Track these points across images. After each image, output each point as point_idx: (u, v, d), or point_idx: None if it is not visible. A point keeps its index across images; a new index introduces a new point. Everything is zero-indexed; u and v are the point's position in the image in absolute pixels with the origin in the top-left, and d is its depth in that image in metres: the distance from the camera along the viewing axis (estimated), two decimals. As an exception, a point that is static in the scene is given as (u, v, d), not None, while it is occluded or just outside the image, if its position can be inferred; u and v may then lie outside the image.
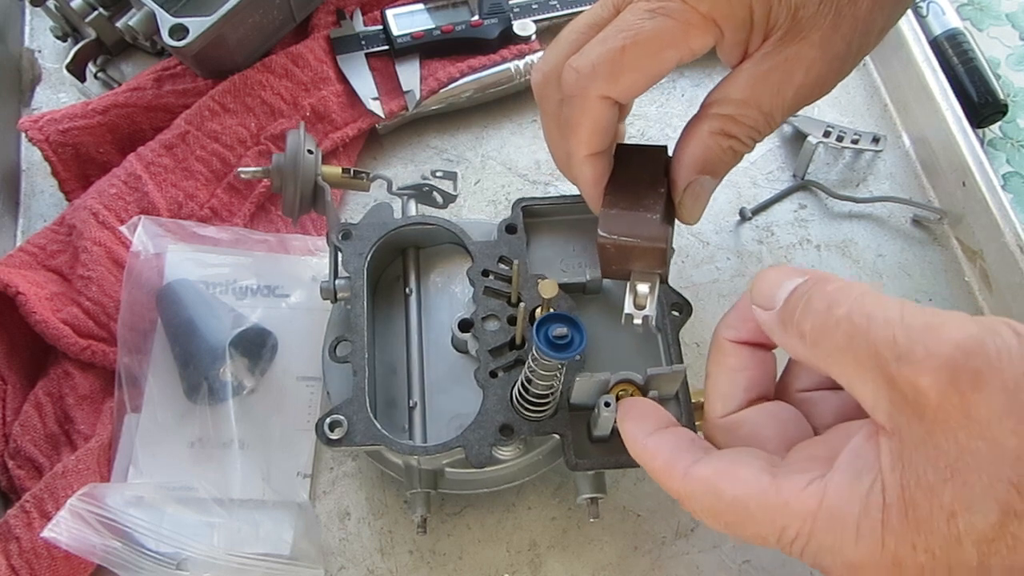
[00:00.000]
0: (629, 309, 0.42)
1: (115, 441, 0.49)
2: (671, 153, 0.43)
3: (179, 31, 0.55)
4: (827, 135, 0.62)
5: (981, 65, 0.67)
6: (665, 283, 0.44)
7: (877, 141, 0.63)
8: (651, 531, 0.50)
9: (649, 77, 0.40)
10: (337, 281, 0.48)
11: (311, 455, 0.51)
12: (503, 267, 0.49)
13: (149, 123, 0.59)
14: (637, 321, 0.42)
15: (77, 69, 0.63)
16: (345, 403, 0.44)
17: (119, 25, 0.59)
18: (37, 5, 0.62)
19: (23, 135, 0.59)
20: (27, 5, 0.66)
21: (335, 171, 0.52)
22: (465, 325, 0.48)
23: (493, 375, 0.45)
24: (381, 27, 0.63)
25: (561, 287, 0.47)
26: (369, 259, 0.48)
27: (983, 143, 0.67)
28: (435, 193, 0.54)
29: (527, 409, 0.43)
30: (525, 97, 0.64)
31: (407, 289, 0.51)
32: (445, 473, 0.47)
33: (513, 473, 0.48)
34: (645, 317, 0.42)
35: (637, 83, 0.40)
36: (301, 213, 0.51)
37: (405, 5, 0.64)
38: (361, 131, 0.61)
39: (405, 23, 0.63)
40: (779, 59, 0.39)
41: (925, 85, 0.63)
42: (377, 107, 0.60)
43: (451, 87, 0.62)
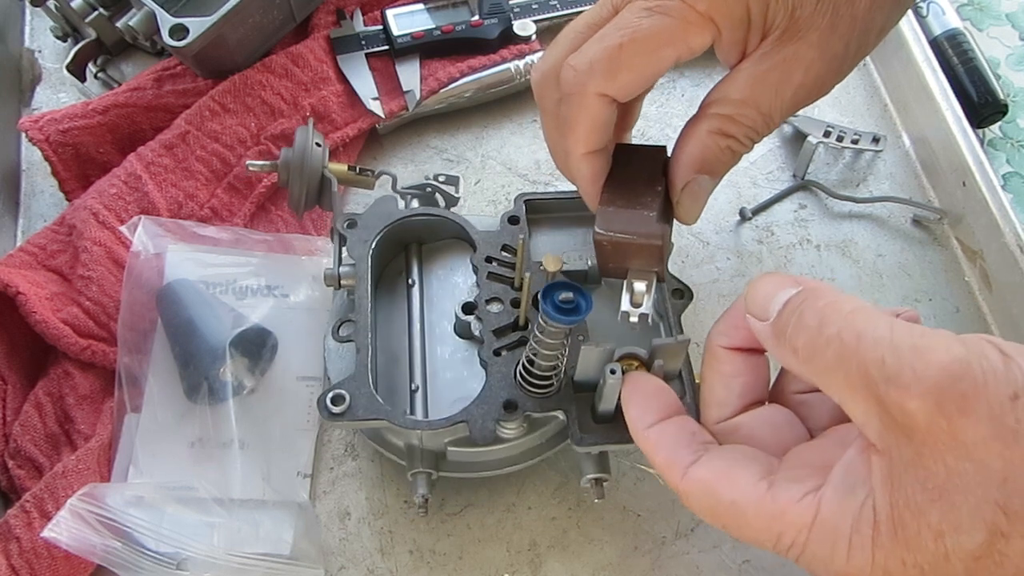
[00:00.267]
0: (625, 307, 0.42)
1: (115, 441, 0.49)
2: (670, 153, 0.43)
3: (179, 31, 0.55)
4: (827, 135, 0.62)
5: (981, 65, 0.67)
6: (662, 282, 0.44)
7: (877, 141, 0.63)
8: (651, 531, 0.50)
9: (647, 75, 0.40)
10: (341, 268, 0.48)
11: (311, 455, 0.51)
12: (506, 255, 0.49)
13: (149, 123, 0.59)
14: (633, 319, 0.42)
15: (77, 69, 0.63)
16: (348, 379, 0.44)
17: (119, 25, 0.59)
18: (37, 5, 0.62)
19: (23, 135, 0.59)
20: (27, 5, 0.66)
21: (341, 167, 0.53)
22: (469, 308, 0.49)
23: (497, 354, 0.46)
24: (381, 27, 0.63)
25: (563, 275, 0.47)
26: (373, 248, 0.49)
27: (983, 143, 0.67)
28: (438, 195, 0.54)
29: (532, 384, 0.44)
30: (525, 97, 0.65)
31: (410, 280, 0.51)
32: (447, 454, 0.47)
33: (515, 456, 0.47)
34: (641, 315, 0.42)
35: (635, 81, 0.40)
36: (307, 208, 0.51)
37: (405, 5, 0.64)
38: (361, 131, 0.61)
39: (405, 23, 0.63)
40: (777, 59, 0.39)
41: (925, 85, 0.63)
42: (377, 107, 0.60)
43: (451, 87, 0.62)
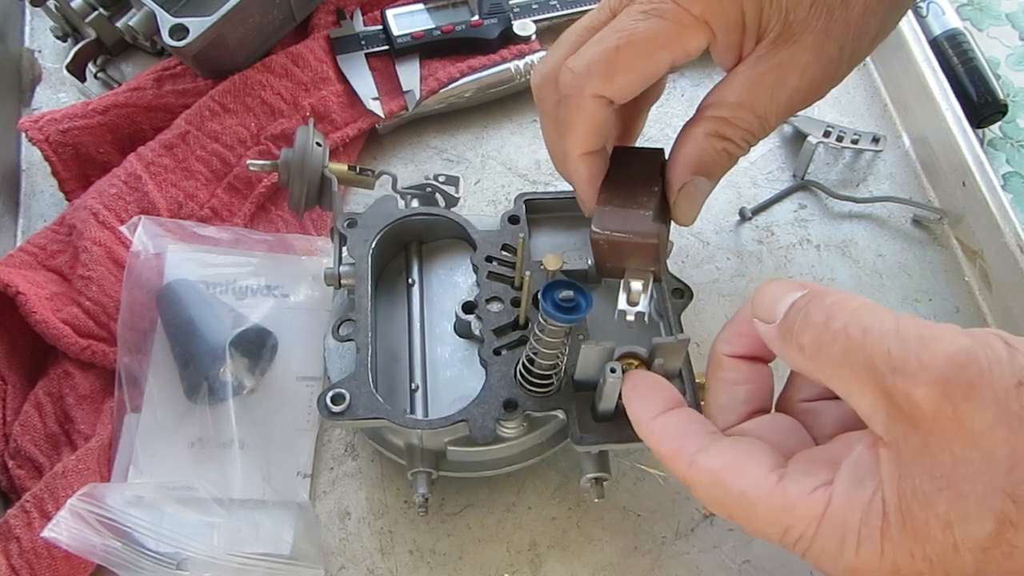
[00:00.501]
0: (622, 305, 0.42)
1: (115, 441, 0.49)
2: (668, 155, 0.43)
3: (179, 31, 0.55)
4: (827, 135, 0.62)
5: (981, 65, 0.67)
6: (659, 282, 0.45)
7: (877, 141, 0.63)
8: (651, 531, 0.50)
9: (643, 77, 0.40)
10: (341, 267, 0.48)
11: (311, 455, 0.51)
12: (506, 254, 0.49)
13: (149, 123, 0.59)
14: (630, 318, 0.42)
15: (77, 69, 0.63)
16: (348, 378, 0.44)
17: (119, 25, 0.59)
18: (37, 5, 0.62)
19: (23, 135, 0.59)
20: (27, 5, 0.66)
21: (341, 167, 0.53)
22: (469, 307, 0.49)
23: (497, 353, 0.46)
24: (381, 27, 0.63)
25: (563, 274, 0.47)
26: (374, 247, 0.49)
27: (983, 143, 0.67)
28: (438, 195, 0.54)
29: (531, 384, 0.44)
30: (525, 97, 0.65)
31: (410, 279, 0.51)
32: (447, 453, 0.47)
33: (515, 455, 0.47)
34: (638, 314, 0.42)
35: (631, 83, 0.40)
36: (307, 208, 0.51)
37: (405, 5, 0.64)
38: (361, 131, 0.61)
39: (405, 23, 0.63)
40: (773, 63, 0.39)
41: (925, 85, 0.63)
42: (377, 107, 0.60)
43: (451, 87, 0.62)
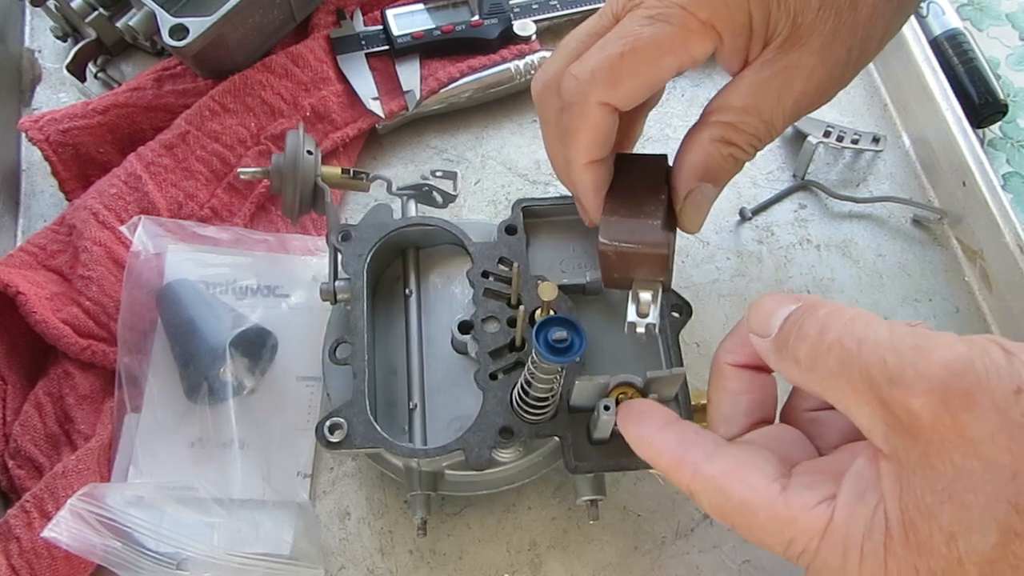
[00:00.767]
0: (632, 318, 0.41)
1: (115, 441, 0.49)
2: (671, 162, 0.43)
3: (179, 31, 0.55)
4: (827, 135, 0.62)
5: (981, 65, 0.67)
6: (668, 291, 0.44)
7: (877, 141, 0.63)
8: (651, 531, 0.50)
9: (649, 83, 0.40)
10: (337, 283, 0.48)
11: (311, 455, 0.51)
12: (503, 268, 0.48)
13: (149, 123, 0.59)
14: (640, 330, 0.41)
15: (77, 69, 0.63)
16: (345, 406, 0.44)
17: (119, 25, 0.59)
18: (37, 5, 0.62)
19: (23, 135, 0.59)
20: (27, 5, 0.66)
21: (334, 171, 0.52)
22: (465, 327, 0.48)
23: (493, 377, 0.45)
24: (381, 27, 0.63)
25: (561, 288, 0.47)
26: (368, 260, 0.48)
27: (983, 143, 0.67)
28: (435, 193, 0.54)
29: (527, 411, 0.43)
30: (525, 97, 0.64)
31: (407, 290, 0.51)
32: (445, 475, 0.47)
33: (513, 475, 0.48)
34: (648, 325, 0.41)
35: (636, 89, 0.39)
36: (301, 214, 0.51)
37: (405, 5, 0.64)
38: (361, 131, 0.61)
39: (405, 23, 0.63)
40: (779, 67, 0.39)
41: (925, 85, 0.63)
42: (377, 107, 0.60)
43: (451, 87, 0.62)
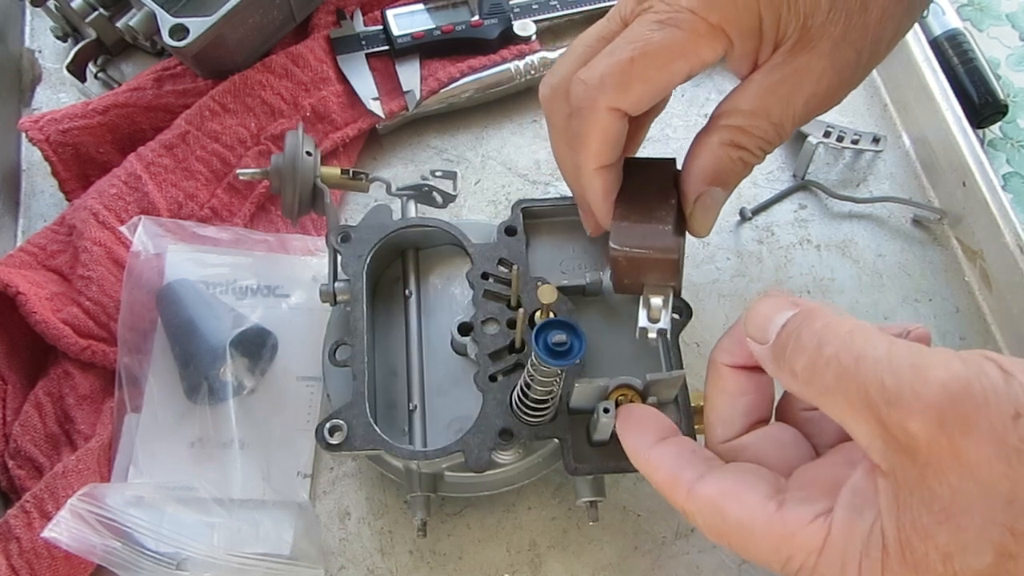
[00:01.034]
0: (643, 323, 0.41)
1: (115, 441, 0.49)
2: (680, 165, 0.42)
3: (179, 31, 0.55)
4: (827, 135, 0.62)
5: (981, 65, 0.67)
6: (679, 295, 0.44)
7: (877, 141, 0.63)
8: (651, 531, 0.50)
9: (659, 88, 0.39)
10: (336, 284, 0.48)
11: (311, 455, 0.51)
12: (503, 270, 0.48)
13: (149, 123, 0.59)
14: (652, 335, 0.41)
15: (77, 69, 0.63)
16: (345, 407, 0.44)
17: (119, 25, 0.59)
18: (37, 5, 0.62)
19: (23, 135, 0.59)
20: (27, 5, 0.66)
21: (334, 172, 0.52)
22: (464, 328, 0.48)
23: (492, 379, 0.45)
24: (381, 27, 0.63)
25: (560, 290, 0.47)
26: (368, 261, 0.48)
27: (983, 143, 0.67)
28: (434, 193, 0.54)
29: (526, 413, 0.43)
30: (525, 97, 0.64)
31: (407, 291, 0.51)
32: (445, 476, 0.47)
33: (513, 476, 0.48)
34: (660, 331, 0.41)
35: (646, 94, 0.39)
36: (300, 214, 0.51)
37: (405, 5, 0.64)
38: (361, 131, 0.61)
39: (405, 23, 0.63)
40: (789, 70, 0.39)
41: (925, 85, 0.63)
42: (377, 107, 0.60)
43: (451, 87, 0.62)
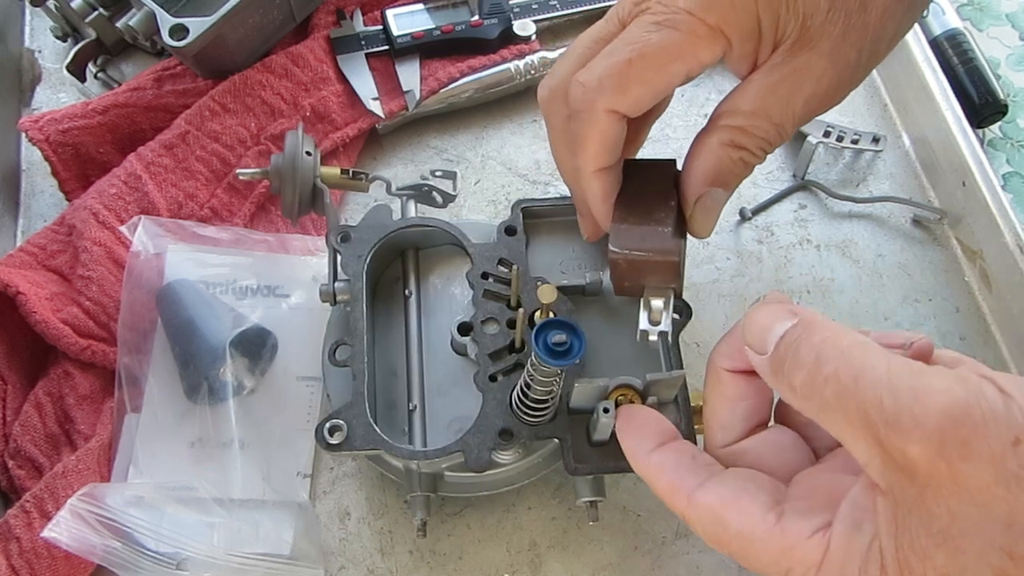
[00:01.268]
0: (644, 325, 0.41)
1: (115, 441, 0.49)
2: (679, 166, 0.42)
3: (179, 31, 0.55)
4: (827, 135, 0.62)
5: (981, 65, 0.67)
6: (679, 298, 0.44)
7: (877, 141, 0.63)
8: (651, 531, 0.50)
9: (657, 90, 0.39)
10: (336, 284, 0.48)
11: (311, 455, 0.51)
12: (503, 270, 0.48)
13: (149, 123, 0.59)
14: (653, 338, 0.41)
15: (77, 69, 0.63)
16: (345, 407, 0.44)
17: (119, 25, 0.59)
18: (37, 5, 0.62)
19: (23, 135, 0.59)
20: (27, 5, 0.65)
21: (334, 172, 0.52)
22: (464, 328, 0.48)
23: (492, 379, 0.45)
24: (381, 27, 0.63)
25: (560, 289, 0.47)
26: (368, 261, 0.48)
27: (983, 143, 0.67)
28: (434, 193, 0.54)
29: (526, 413, 0.43)
30: (525, 97, 0.64)
31: (407, 291, 0.51)
32: (444, 476, 0.47)
33: (512, 476, 0.48)
34: (661, 333, 0.41)
35: (645, 96, 0.39)
36: (300, 214, 0.51)
37: (405, 5, 0.64)
38: (361, 131, 0.61)
39: (405, 23, 0.63)
40: (788, 69, 0.39)
41: (925, 85, 0.63)
42: (377, 107, 0.60)
43: (451, 87, 0.62)
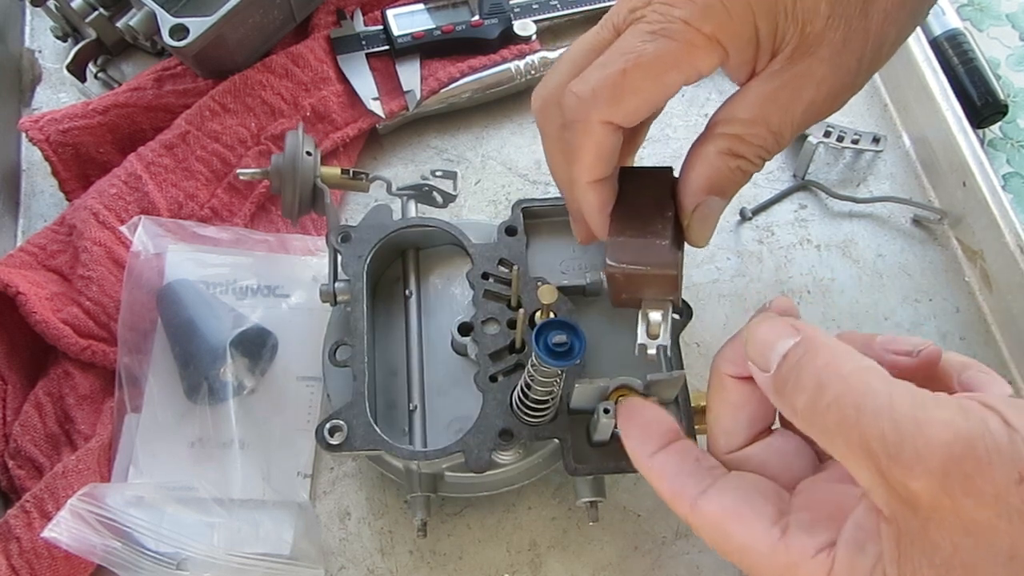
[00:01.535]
0: (642, 339, 0.40)
1: (115, 441, 0.49)
2: (676, 174, 0.41)
3: (179, 31, 0.55)
4: (827, 135, 0.62)
5: (981, 65, 0.67)
6: (678, 309, 0.43)
7: (877, 141, 0.63)
8: (651, 531, 0.50)
9: (652, 101, 0.38)
10: (336, 284, 0.48)
11: (311, 455, 0.51)
12: (503, 270, 0.48)
13: (149, 123, 0.59)
14: (651, 351, 0.40)
15: (77, 69, 0.63)
16: (345, 408, 0.44)
17: (119, 25, 0.59)
18: (37, 5, 0.62)
19: (23, 135, 0.59)
20: (27, 5, 0.66)
21: (334, 172, 0.52)
22: (465, 329, 0.48)
23: (493, 379, 0.45)
24: (381, 27, 0.63)
25: (561, 290, 0.47)
26: (368, 261, 0.48)
27: (983, 143, 0.67)
28: (435, 193, 0.54)
29: (527, 414, 0.43)
30: (525, 97, 0.64)
31: (407, 291, 0.51)
32: (445, 476, 0.47)
33: (513, 476, 0.48)
34: (659, 347, 0.40)
35: (640, 107, 0.38)
36: (301, 214, 0.51)
37: (405, 5, 0.64)
38: (361, 131, 0.61)
39: (405, 23, 0.63)
40: (787, 77, 0.38)
41: (925, 85, 0.63)
42: (377, 107, 0.60)
43: (451, 87, 0.62)
